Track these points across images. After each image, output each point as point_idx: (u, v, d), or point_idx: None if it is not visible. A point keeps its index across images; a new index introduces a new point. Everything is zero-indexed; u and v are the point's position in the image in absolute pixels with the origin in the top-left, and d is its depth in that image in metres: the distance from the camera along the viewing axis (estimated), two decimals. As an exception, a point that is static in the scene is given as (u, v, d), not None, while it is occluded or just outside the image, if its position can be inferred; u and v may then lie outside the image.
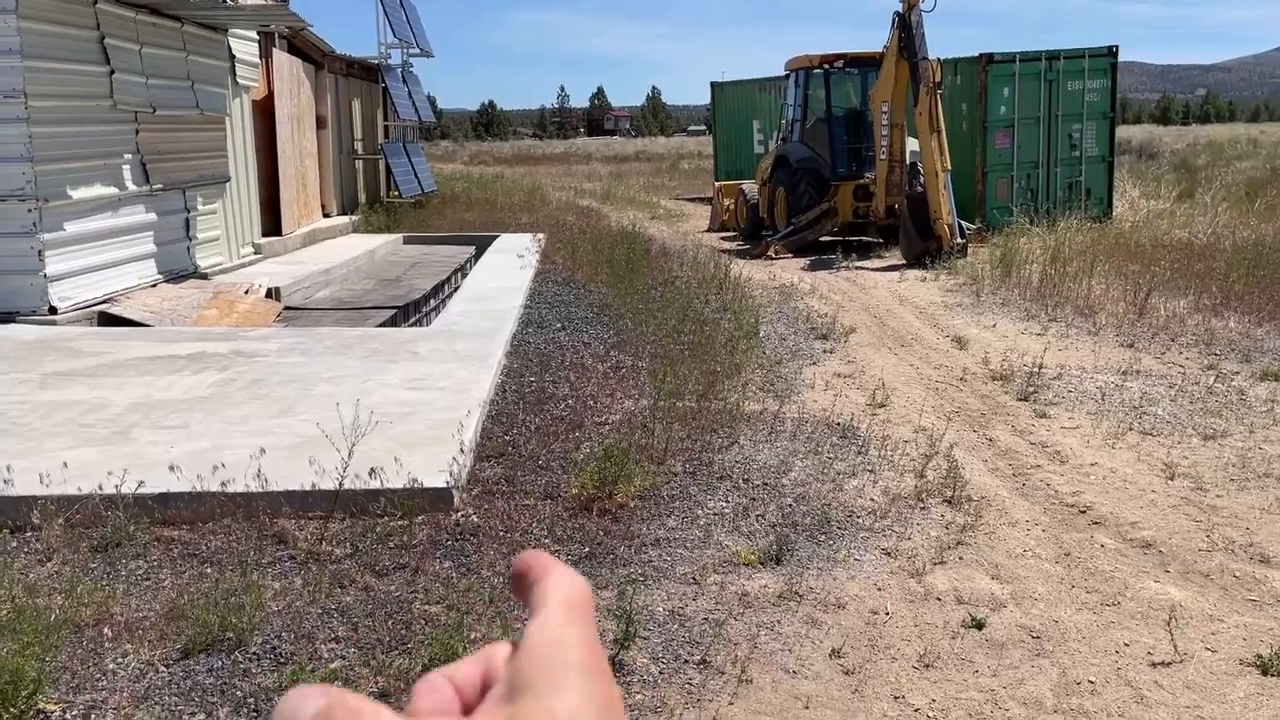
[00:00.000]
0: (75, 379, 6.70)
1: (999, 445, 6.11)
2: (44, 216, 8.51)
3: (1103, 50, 16.48)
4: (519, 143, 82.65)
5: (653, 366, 7.24)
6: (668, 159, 46.77)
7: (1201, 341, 8.63)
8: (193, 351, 7.52)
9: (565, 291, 10.78)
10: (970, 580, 4.29)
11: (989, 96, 15.95)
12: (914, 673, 3.61)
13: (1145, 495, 5.28)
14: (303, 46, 15.91)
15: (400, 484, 4.59)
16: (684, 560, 4.38)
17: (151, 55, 10.33)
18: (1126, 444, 6.10)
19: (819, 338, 9.08)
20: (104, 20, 9.52)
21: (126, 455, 5.02)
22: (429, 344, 7.83)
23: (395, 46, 20.36)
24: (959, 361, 8.24)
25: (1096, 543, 4.69)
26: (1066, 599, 4.15)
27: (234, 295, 10.21)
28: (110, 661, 3.47)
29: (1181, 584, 4.29)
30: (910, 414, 6.67)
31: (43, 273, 8.53)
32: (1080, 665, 3.66)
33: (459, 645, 3.44)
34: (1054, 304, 10.30)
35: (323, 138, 16.76)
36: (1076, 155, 16.45)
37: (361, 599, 3.90)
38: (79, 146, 9.10)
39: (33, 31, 8.43)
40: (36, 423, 5.68)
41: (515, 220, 17.94)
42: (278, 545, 4.33)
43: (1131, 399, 7.01)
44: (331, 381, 6.56)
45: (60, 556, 4.17)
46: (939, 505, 5.07)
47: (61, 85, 8.86)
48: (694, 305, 9.57)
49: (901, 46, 13.72)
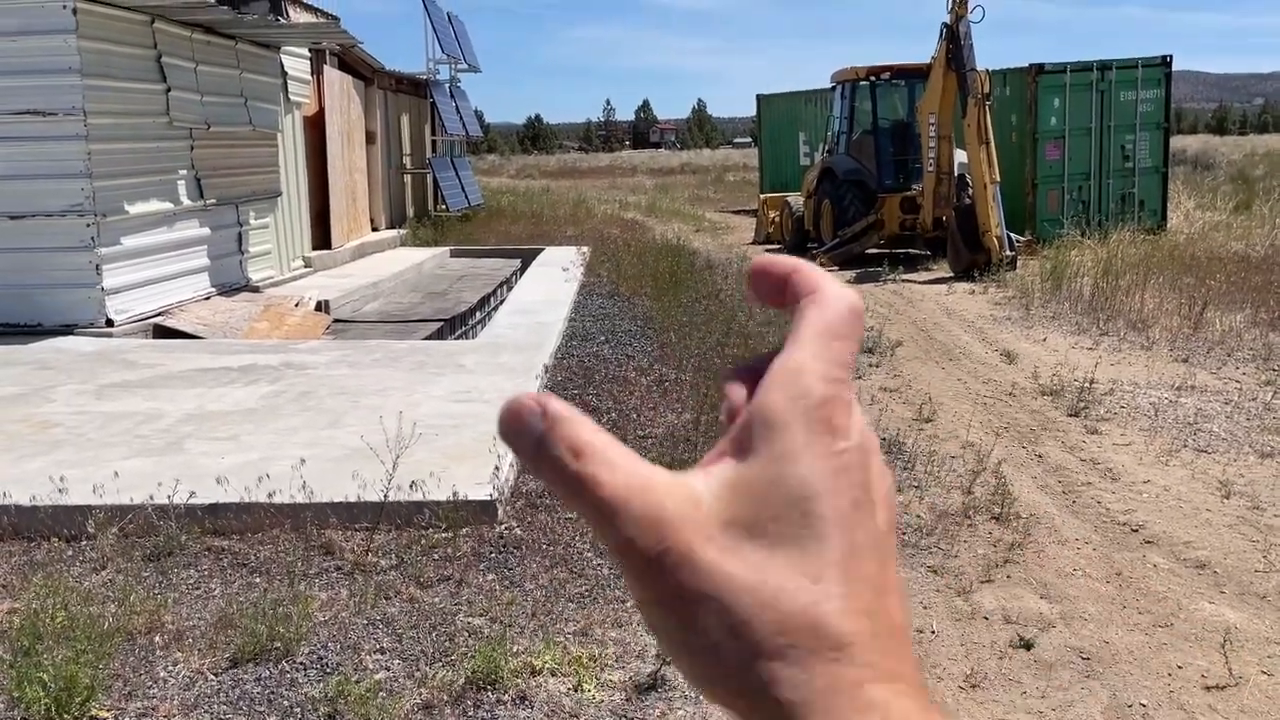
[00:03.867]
0: (131, 390, 6.84)
1: (1049, 462, 6.02)
2: (101, 231, 8.71)
3: (1156, 60, 16.23)
4: (565, 156, 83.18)
5: (696, 380, 7.23)
6: (713, 171, 46.79)
7: (1259, 356, 8.44)
8: (244, 364, 7.64)
9: (609, 305, 10.81)
10: (1019, 599, 4.22)
11: (1039, 107, 15.77)
12: (960, 693, 3.56)
13: (1200, 514, 5.17)
14: (353, 63, 16.16)
15: (444, 496, 4.62)
16: (727, 575, 4.35)
17: (207, 73, 10.56)
18: (1180, 461, 5.98)
19: (865, 351, 9.01)
20: (161, 39, 9.74)
21: (179, 465, 5.11)
22: (475, 357, 7.89)
23: (443, 62, 20.62)
24: (1008, 376, 8.13)
25: (1149, 562, 4.60)
26: (1118, 619, 4.07)
27: (284, 308, 10.37)
28: (161, 669, 3.53)
29: (1237, 605, 4.19)
30: (958, 429, 6.59)
31: (100, 286, 8.73)
32: (1132, 688, 3.59)
33: (502, 658, 3.46)
34: (1106, 317, 10.13)
35: (372, 153, 17.00)
36: (1129, 166, 16.20)
37: (406, 610, 3.93)
38: (136, 163, 9.31)
39: (92, 50, 8.65)
40: (93, 433, 5.81)
41: (560, 233, 18.04)
42: (325, 556, 4.38)
43: (1186, 415, 6.87)
44: (379, 394, 6.64)
45: (114, 565, 4.26)
46: (987, 522, 5.00)
47: (119, 103, 9.08)
48: (738, 318, 9.55)
49: (949, 58, 13.61)
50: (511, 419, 0.35)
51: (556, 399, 0.36)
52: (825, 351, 0.37)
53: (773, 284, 0.40)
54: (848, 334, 0.38)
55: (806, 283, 0.39)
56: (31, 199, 8.63)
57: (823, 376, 0.36)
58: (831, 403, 0.36)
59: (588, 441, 0.35)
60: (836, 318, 0.38)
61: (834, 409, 0.36)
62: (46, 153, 8.55)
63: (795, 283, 0.39)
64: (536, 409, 0.35)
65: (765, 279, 0.40)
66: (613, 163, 60.68)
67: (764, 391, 0.37)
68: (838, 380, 0.37)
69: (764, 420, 0.36)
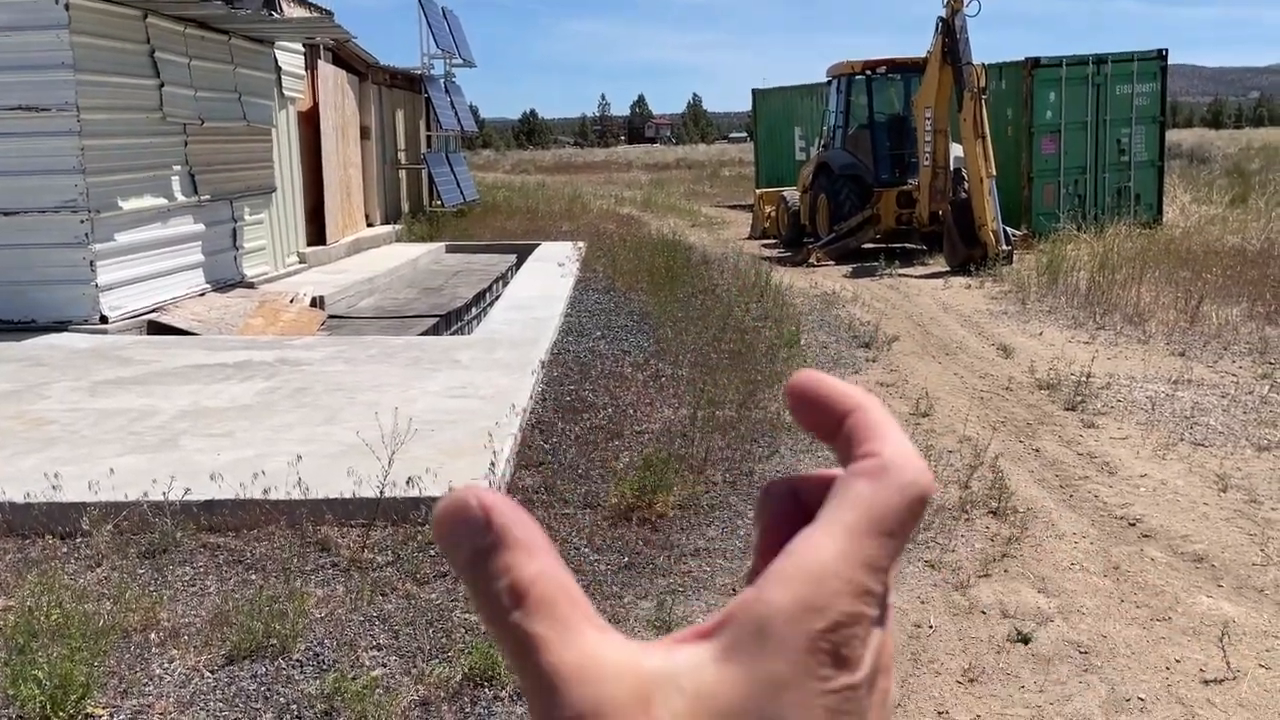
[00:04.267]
0: (125, 387, 6.82)
1: (1045, 456, 6.02)
2: (95, 227, 8.67)
3: (1152, 54, 16.23)
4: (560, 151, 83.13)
5: (692, 375, 7.22)
6: (708, 166, 46.76)
7: (1255, 350, 8.44)
8: (239, 360, 7.62)
9: (605, 300, 10.80)
10: (1016, 594, 4.22)
11: (1035, 101, 15.76)
12: (958, 688, 3.56)
13: (1197, 508, 5.17)
14: (347, 58, 16.11)
15: (441, 492, 4.60)
16: (724, 571, 4.35)
17: (200, 68, 10.52)
18: (1177, 455, 5.98)
19: (861, 346, 9.01)
20: (154, 34, 9.70)
21: (174, 462, 5.09)
22: (470, 352, 7.88)
23: (438, 57, 20.56)
24: (1004, 370, 8.13)
25: (1146, 556, 4.59)
26: (1115, 613, 4.07)
27: (279, 304, 10.34)
28: (157, 667, 3.52)
29: (1235, 599, 4.18)
30: (954, 424, 6.59)
31: (94, 283, 8.70)
32: (1130, 682, 3.58)
33: (498, 654, 3.45)
34: (1102, 311, 10.13)
35: (366, 148, 16.95)
36: (1125, 160, 16.20)
37: (403, 607, 3.92)
38: (129, 158, 9.27)
39: (84, 46, 8.61)
40: (87, 430, 5.78)
41: (556, 228, 18.01)
42: (321, 553, 4.37)
43: (1183, 409, 6.87)
44: (374, 390, 6.62)
45: (109, 562, 4.24)
46: (984, 517, 5.00)
47: (112, 98, 9.04)
48: (734, 313, 9.54)
49: (945, 51, 13.60)
50: (447, 519, 0.30)
51: (504, 501, 0.30)
52: (862, 552, 0.30)
53: (824, 418, 0.33)
54: (899, 531, 0.30)
55: (868, 435, 0.32)
56: (24, 195, 8.59)
57: (849, 590, 0.29)
58: (848, 627, 0.29)
59: (532, 581, 0.29)
60: (893, 508, 0.30)
61: (849, 635, 0.29)
62: (39, 148, 8.51)
63: (854, 429, 0.32)
64: (479, 515, 0.29)
65: (814, 409, 0.33)
66: (608, 158, 60.65)
67: (771, 585, 0.30)
68: (866, 595, 0.29)
69: (758, 628, 0.29)
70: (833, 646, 0.29)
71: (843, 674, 0.29)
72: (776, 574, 0.30)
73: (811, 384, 0.33)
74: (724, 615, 0.30)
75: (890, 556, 0.30)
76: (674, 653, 0.30)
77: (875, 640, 0.30)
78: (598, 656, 0.29)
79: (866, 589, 0.29)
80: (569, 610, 0.29)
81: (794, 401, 0.33)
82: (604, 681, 0.28)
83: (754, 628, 0.29)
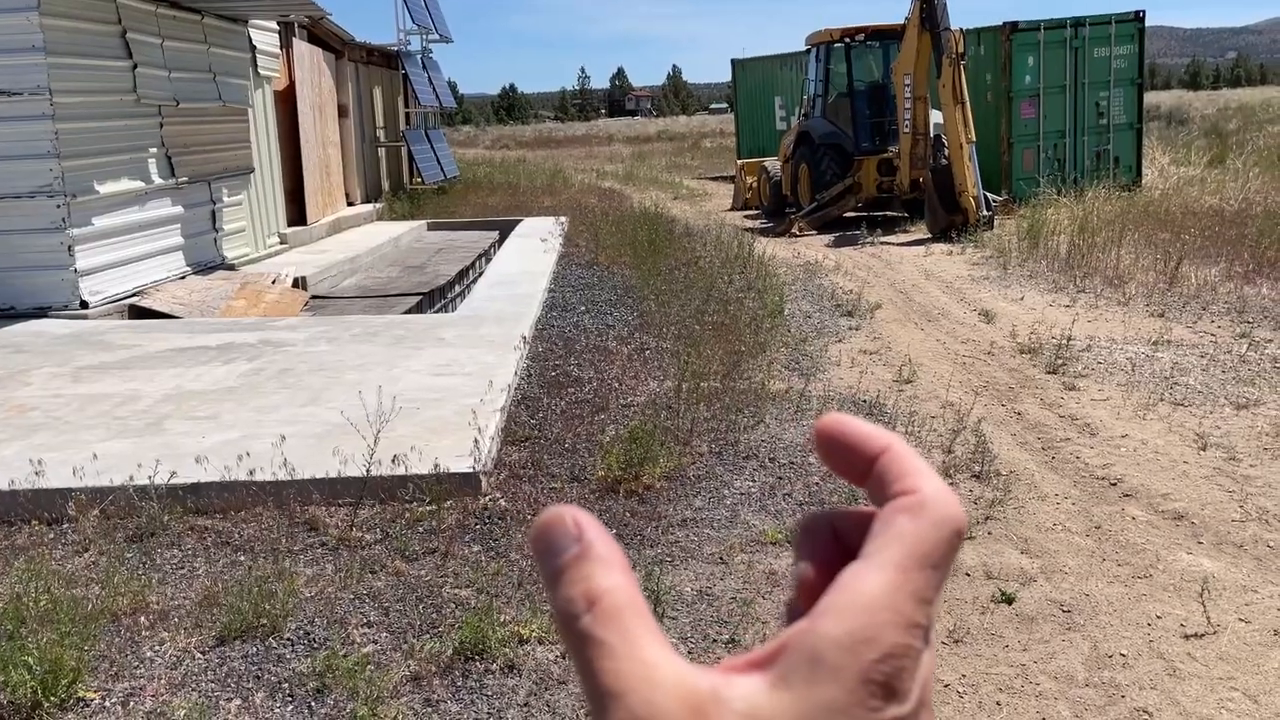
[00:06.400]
0: (107, 372, 6.79)
1: (1028, 419, 6.07)
2: (72, 212, 8.60)
3: (1129, 15, 16.22)
4: (540, 126, 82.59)
5: (677, 348, 7.24)
6: (690, 138, 46.58)
7: (1234, 309, 8.51)
8: (222, 342, 7.59)
9: (589, 274, 10.78)
10: (1000, 555, 4.27)
11: (1013, 66, 15.75)
12: (943, 648, 3.61)
13: (1177, 466, 5.23)
14: (322, 36, 15.95)
15: (427, 470, 4.62)
16: (711, 540, 4.39)
17: (173, 48, 10.40)
18: (1157, 415, 6.04)
19: (844, 314, 9.03)
20: (125, 15, 9.58)
21: (159, 446, 5.08)
22: (454, 330, 7.87)
23: (414, 33, 20.37)
24: (986, 335, 8.17)
25: (1128, 515, 4.65)
26: (1097, 572, 4.12)
27: (261, 285, 10.29)
28: (147, 649, 3.53)
29: (1214, 555, 4.25)
30: (937, 389, 6.63)
31: (73, 268, 8.63)
32: (1112, 638, 3.64)
33: (489, 628, 3.47)
34: (1082, 275, 10.18)
35: (345, 126, 16.82)
36: (1104, 123, 16.23)
37: (392, 584, 3.94)
38: (104, 141, 9.18)
39: (55, 28, 8.50)
40: (70, 416, 5.76)
41: (538, 204, 17.95)
42: (309, 532, 4.38)
43: (1162, 369, 6.93)
44: (359, 369, 6.61)
45: (96, 547, 4.24)
46: (967, 480, 5.05)
47: (85, 81, 8.93)
48: (718, 285, 9.55)
49: (923, 18, 13.57)
50: (544, 531, 0.33)
51: (595, 522, 0.33)
52: (910, 585, 0.31)
53: (855, 461, 0.34)
54: (941, 563, 0.32)
55: (902, 473, 0.33)
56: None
57: (900, 622, 0.30)
58: (898, 659, 0.30)
59: (606, 591, 0.31)
60: (935, 541, 0.31)
61: (899, 667, 0.30)
62: (13, 134, 8.41)
63: (887, 468, 0.33)
64: (571, 529, 0.32)
65: (845, 453, 0.34)
66: (589, 132, 60.30)
67: (824, 617, 0.31)
68: (915, 627, 0.31)
69: (812, 657, 0.30)
70: (884, 678, 0.30)
71: (892, 705, 0.30)
72: (829, 607, 0.31)
73: (839, 429, 0.34)
74: (778, 645, 0.32)
75: (935, 589, 0.31)
76: (730, 676, 0.31)
77: (922, 673, 0.31)
78: (658, 669, 0.30)
79: (915, 621, 0.31)
80: (635, 623, 0.31)
81: (824, 448, 0.35)
82: (661, 693, 0.30)
83: (808, 657, 0.30)
